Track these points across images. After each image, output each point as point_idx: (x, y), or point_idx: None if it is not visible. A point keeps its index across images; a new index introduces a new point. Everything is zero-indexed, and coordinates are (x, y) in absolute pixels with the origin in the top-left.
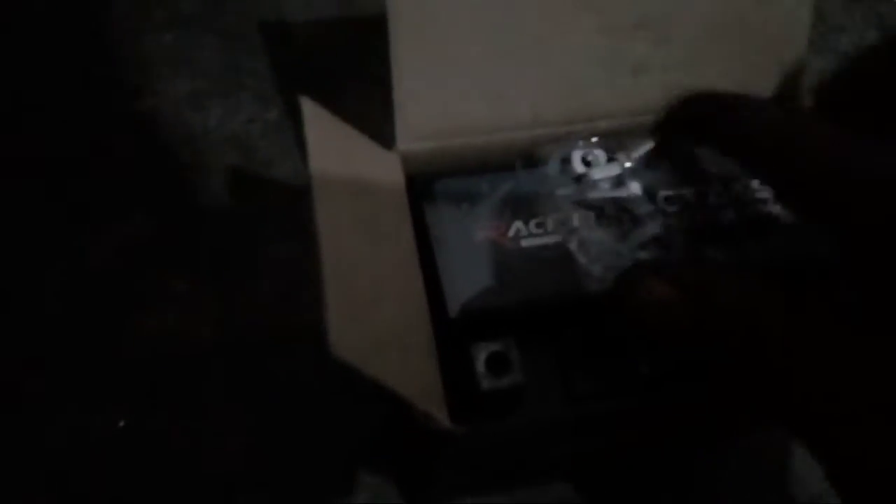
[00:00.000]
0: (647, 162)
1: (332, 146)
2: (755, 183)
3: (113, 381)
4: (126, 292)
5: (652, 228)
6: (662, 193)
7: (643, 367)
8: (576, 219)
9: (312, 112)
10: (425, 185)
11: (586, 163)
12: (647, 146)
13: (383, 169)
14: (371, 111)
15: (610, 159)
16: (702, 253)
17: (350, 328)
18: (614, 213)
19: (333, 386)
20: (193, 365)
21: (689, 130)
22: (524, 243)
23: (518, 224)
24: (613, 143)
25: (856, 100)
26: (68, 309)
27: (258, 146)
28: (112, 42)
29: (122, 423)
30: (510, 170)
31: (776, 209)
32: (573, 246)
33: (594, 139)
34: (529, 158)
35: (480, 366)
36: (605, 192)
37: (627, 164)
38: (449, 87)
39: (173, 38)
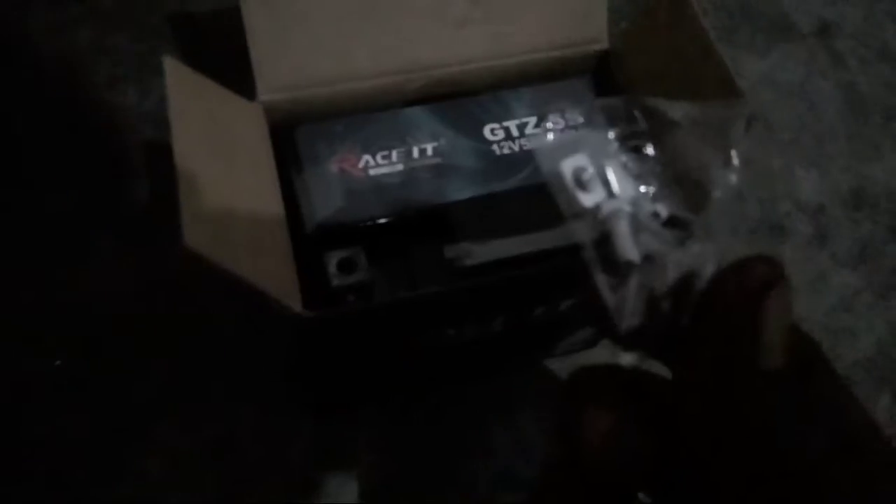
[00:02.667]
0: None
1: (190, 95)
2: (564, 115)
3: (49, 327)
4: (59, 251)
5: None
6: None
7: (459, 263)
8: (416, 152)
9: (173, 68)
10: (286, 131)
11: None
12: None
13: (246, 117)
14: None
15: None
16: (517, 175)
17: (204, 229)
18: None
19: (241, 327)
20: (118, 312)
21: None
22: (372, 172)
23: (367, 157)
24: None
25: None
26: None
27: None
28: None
29: (57, 363)
30: (360, 114)
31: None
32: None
33: None
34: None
35: (332, 268)
36: None
37: None
38: (298, 45)
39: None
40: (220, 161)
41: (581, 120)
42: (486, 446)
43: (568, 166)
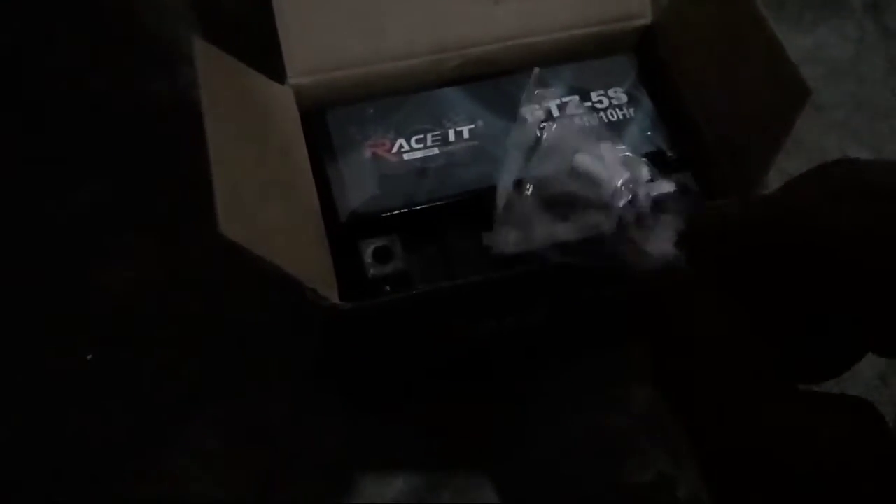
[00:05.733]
0: None
1: (221, 78)
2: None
3: (80, 322)
4: (87, 246)
5: None
6: None
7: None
8: (452, 135)
9: (203, 50)
10: (316, 115)
11: None
12: None
13: (277, 101)
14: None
15: None
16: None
17: (239, 218)
18: None
19: (272, 322)
20: (149, 309)
21: None
22: (406, 157)
23: (401, 141)
24: None
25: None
26: (40, 262)
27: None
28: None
29: (89, 357)
30: (393, 96)
31: (626, 113)
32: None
33: None
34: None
35: (368, 257)
36: None
37: None
38: (328, 25)
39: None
40: (254, 147)
41: (625, 98)
42: (526, 440)
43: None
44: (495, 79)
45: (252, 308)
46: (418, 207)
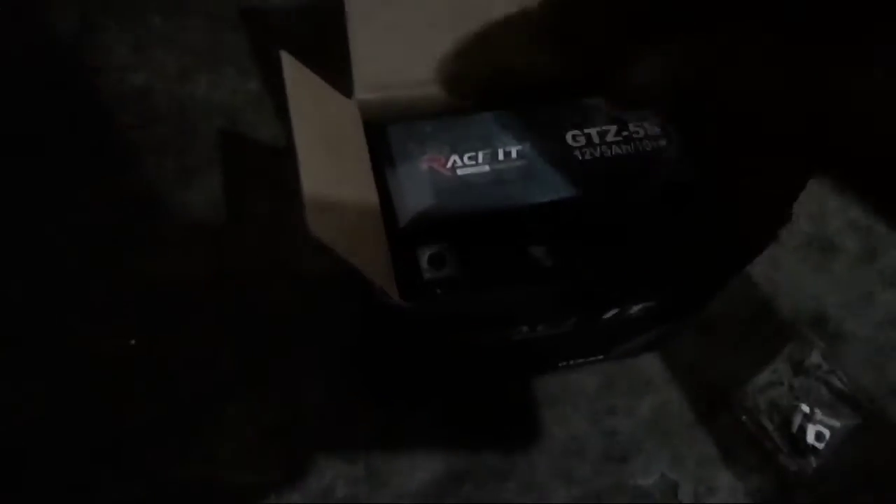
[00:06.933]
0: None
1: (305, 91)
2: (643, 126)
3: (122, 309)
4: (129, 238)
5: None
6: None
7: (546, 262)
8: (501, 154)
9: (290, 63)
10: (379, 128)
11: None
12: None
13: (346, 114)
14: (333, 76)
15: None
16: (600, 181)
17: (322, 218)
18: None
19: (306, 314)
20: (189, 298)
21: None
22: (459, 172)
23: (455, 157)
24: None
25: None
26: (80, 252)
27: (243, 113)
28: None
29: (132, 342)
30: (448, 115)
31: (659, 144)
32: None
33: None
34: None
35: (424, 262)
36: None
37: None
38: (393, 49)
39: (162, 20)
40: (333, 155)
41: (658, 131)
42: (543, 440)
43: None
44: (541, 106)
45: (287, 304)
46: (469, 219)
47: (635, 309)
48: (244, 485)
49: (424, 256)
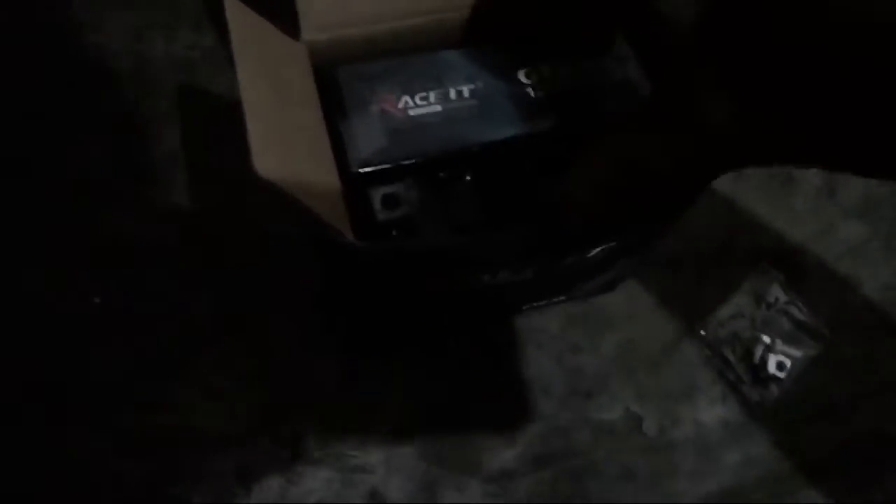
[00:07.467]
0: None
1: (249, 35)
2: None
3: (85, 268)
4: (89, 198)
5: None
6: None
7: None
8: (453, 93)
9: (233, 6)
10: (328, 70)
11: None
12: None
13: (293, 56)
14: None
15: None
16: (553, 116)
17: (270, 159)
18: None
19: (274, 263)
20: (155, 254)
21: None
22: (411, 113)
23: (406, 98)
24: None
25: None
26: (38, 211)
27: (199, 68)
28: None
29: (97, 300)
30: (397, 56)
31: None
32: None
33: None
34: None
35: (377, 203)
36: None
37: None
38: None
39: None
40: (280, 98)
41: (615, 67)
42: (509, 382)
43: None
44: (492, 45)
45: (252, 255)
46: (423, 159)
47: (595, 251)
48: (216, 432)
49: (378, 197)
